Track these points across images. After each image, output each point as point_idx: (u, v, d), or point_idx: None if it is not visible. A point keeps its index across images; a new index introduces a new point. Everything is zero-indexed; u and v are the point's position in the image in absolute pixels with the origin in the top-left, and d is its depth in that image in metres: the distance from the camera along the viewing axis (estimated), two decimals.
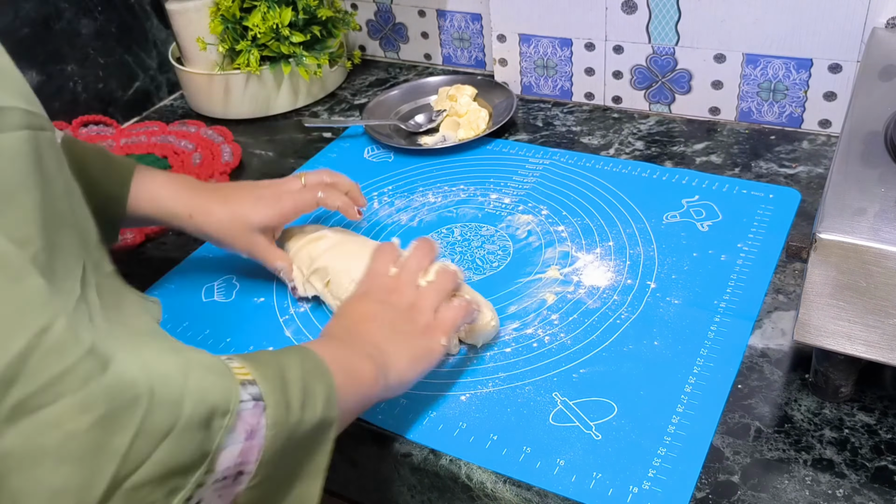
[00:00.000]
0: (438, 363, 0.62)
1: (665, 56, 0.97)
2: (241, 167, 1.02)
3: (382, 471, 0.65)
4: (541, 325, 0.71)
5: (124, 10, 1.15)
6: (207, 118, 1.14)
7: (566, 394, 0.64)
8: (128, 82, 1.17)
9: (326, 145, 1.03)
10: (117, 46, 1.15)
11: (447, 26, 1.16)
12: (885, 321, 0.53)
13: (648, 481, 0.57)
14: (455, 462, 0.60)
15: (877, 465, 0.56)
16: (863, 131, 0.63)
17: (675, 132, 0.97)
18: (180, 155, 1.04)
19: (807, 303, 0.55)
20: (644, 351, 0.67)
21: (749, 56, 0.92)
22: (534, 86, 1.09)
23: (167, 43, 1.20)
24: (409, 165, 0.97)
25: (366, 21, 1.24)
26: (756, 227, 0.79)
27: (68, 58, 1.09)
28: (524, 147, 0.97)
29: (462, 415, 0.64)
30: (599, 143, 0.97)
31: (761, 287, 0.72)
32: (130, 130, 1.12)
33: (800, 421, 0.60)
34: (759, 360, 0.65)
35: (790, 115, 0.94)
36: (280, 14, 1.04)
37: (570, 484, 0.57)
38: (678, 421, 0.61)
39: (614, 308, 0.72)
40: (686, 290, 0.73)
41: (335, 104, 1.14)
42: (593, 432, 0.61)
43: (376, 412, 0.65)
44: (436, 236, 0.84)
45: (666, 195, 0.85)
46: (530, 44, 1.05)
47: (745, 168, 0.88)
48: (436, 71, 1.20)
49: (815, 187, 0.84)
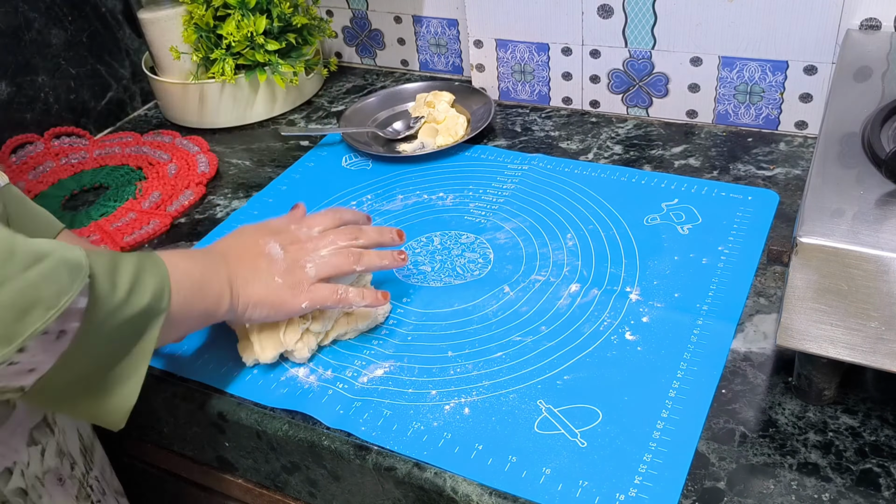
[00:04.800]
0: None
1: (642, 60, 0.97)
2: (218, 177, 1.01)
3: (366, 485, 0.64)
4: (523, 331, 0.71)
5: (95, 20, 1.13)
6: (182, 128, 1.12)
7: (551, 401, 0.64)
8: (101, 92, 1.16)
9: (304, 154, 1.03)
10: (89, 56, 1.13)
11: (424, 32, 1.16)
12: (867, 324, 0.53)
13: (635, 488, 0.56)
14: (440, 475, 0.60)
15: (861, 467, 0.56)
16: (840, 133, 0.63)
17: (654, 136, 0.97)
18: (155, 166, 1.03)
19: (789, 307, 0.55)
20: (627, 356, 0.67)
21: (725, 59, 0.93)
22: (511, 91, 1.08)
23: (140, 52, 1.19)
24: (388, 173, 0.96)
25: (342, 28, 1.23)
26: (736, 230, 0.79)
27: (39, 68, 1.07)
28: (503, 153, 0.97)
29: (446, 425, 0.63)
30: (578, 147, 0.97)
31: (742, 290, 0.72)
32: (104, 142, 1.10)
33: (784, 425, 0.60)
34: (742, 364, 0.65)
35: (767, 117, 0.94)
36: (254, 22, 1.03)
37: (557, 493, 0.57)
38: (663, 426, 0.61)
39: (596, 313, 0.72)
40: (668, 294, 0.73)
41: (312, 112, 1.13)
42: (578, 439, 0.61)
43: (359, 423, 0.64)
44: (415, 244, 0.83)
45: (645, 199, 0.85)
46: (507, 49, 1.05)
47: (724, 171, 0.89)
48: (413, 77, 1.19)
49: (793, 189, 0.84)
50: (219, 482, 0.79)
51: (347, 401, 0.66)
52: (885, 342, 0.53)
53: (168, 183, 0.98)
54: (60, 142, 1.10)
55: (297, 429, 0.66)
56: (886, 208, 0.55)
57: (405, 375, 0.68)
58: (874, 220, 0.54)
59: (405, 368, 0.69)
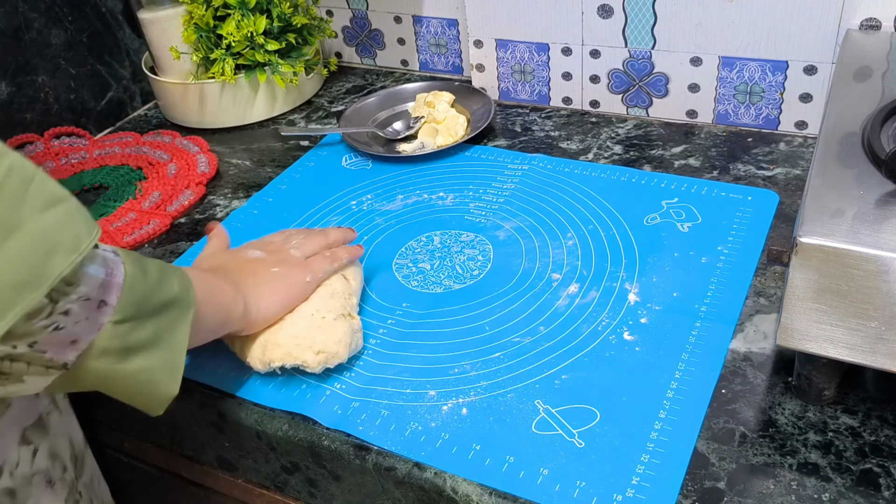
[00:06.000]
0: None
1: (642, 60, 0.97)
2: (218, 177, 1.01)
3: (366, 485, 0.64)
4: (522, 331, 0.71)
5: (95, 20, 1.13)
6: (182, 128, 1.12)
7: (548, 401, 0.64)
8: (101, 92, 1.16)
9: (304, 154, 1.03)
10: (89, 56, 1.13)
11: (423, 32, 1.16)
12: (867, 324, 0.53)
13: (632, 489, 0.56)
14: (440, 475, 0.60)
15: (861, 468, 0.56)
16: (840, 133, 0.63)
17: (653, 136, 0.97)
18: (155, 166, 1.03)
19: (789, 307, 0.55)
20: (625, 356, 0.67)
21: (725, 59, 0.92)
22: (511, 91, 1.08)
23: (140, 52, 1.19)
24: (388, 173, 0.96)
25: (342, 28, 1.23)
26: (735, 230, 0.79)
27: (39, 69, 1.07)
28: (503, 153, 0.97)
29: (444, 425, 0.63)
30: (578, 147, 0.97)
31: (742, 290, 0.72)
32: (104, 142, 1.10)
33: (784, 425, 0.60)
34: (742, 364, 0.65)
35: (767, 117, 0.94)
36: (254, 22, 1.03)
37: (555, 493, 0.57)
38: (661, 427, 0.60)
39: (595, 313, 0.72)
40: (667, 293, 0.73)
41: (312, 112, 1.13)
42: (576, 440, 0.60)
43: (356, 423, 0.64)
44: (415, 244, 0.83)
45: (645, 199, 0.85)
46: (507, 49, 1.05)
47: (724, 171, 0.88)
48: (413, 77, 1.19)
49: (793, 189, 0.84)
50: (219, 482, 0.79)
51: (345, 401, 0.66)
52: (885, 342, 0.53)
53: (168, 183, 0.98)
54: (60, 142, 1.10)
55: (296, 429, 0.65)
56: (886, 208, 0.55)
57: (403, 375, 0.68)
58: (874, 220, 0.54)
59: (403, 369, 0.69)
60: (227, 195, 0.97)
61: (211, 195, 0.97)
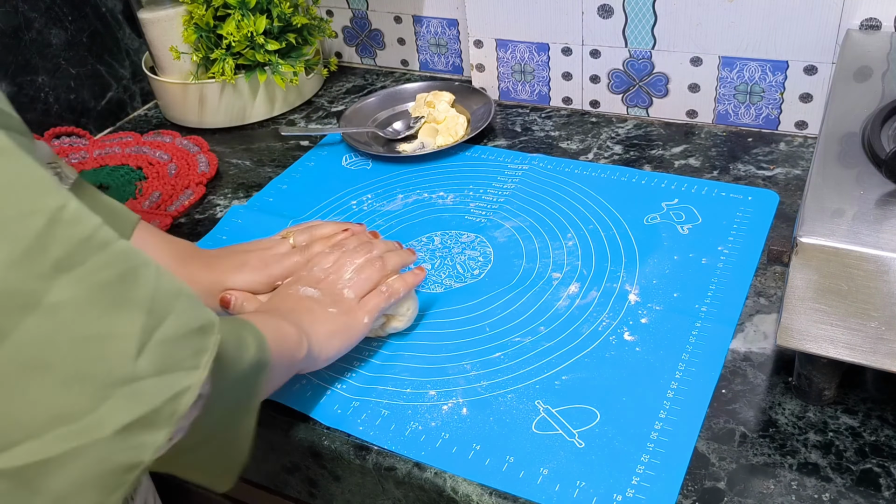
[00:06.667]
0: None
1: (642, 60, 0.97)
2: (218, 177, 1.01)
3: (366, 485, 0.64)
4: (522, 331, 0.71)
5: (95, 20, 1.13)
6: (182, 128, 1.12)
7: (549, 401, 0.64)
8: (100, 92, 1.16)
9: (304, 154, 1.03)
10: (89, 56, 1.13)
11: (424, 32, 1.16)
12: (867, 324, 0.53)
13: (632, 489, 0.56)
14: (440, 475, 0.60)
15: (861, 467, 0.56)
16: (840, 133, 0.63)
17: (654, 136, 0.97)
18: (155, 166, 1.03)
19: (789, 307, 0.55)
20: (626, 356, 0.67)
21: (725, 59, 0.92)
22: (511, 91, 1.08)
23: (140, 52, 1.19)
24: (388, 173, 0.96)
25: (342, 28, 1.23)
26: (735, 230, 0.79)
27: (39, 69, 1.07)
28: (503, 153, 0.97)
29: (444, 425, 0.63)
30: (578, 147, 0.97)
31: (742, 290, 0.72)
32: (104, 142, 1.10)
33: (784, 425, 0.60)
34: (742, 364, 0.65)
35: (767, 117, 0.94)
36: (254, 22, 1.03)
37: (555, 493, 0.57)
38: (661, 427, 0.60)
39: (595, 313, 0.72)
40: (667, 294, 0.72)
41: (312, 112, 1.13)
42: (576, 440, 0.60)
43: (356, 423, 0.64)
44: (416, 244, 0.83)
45: (645, 199, 0.85)
46: (507, 49, 1.05)
47: (724, 171, 0.88)
48: (413, 77, 1.19)
49: (793, 189, 0.84)
50: None
51: (345, 400, 0.66)
52: (885, 342, 0.53)
53: (168, 183, 0.98)
54: (60, 142, 1.09)
55: (296, 429, 0.65)
56: (886, 208, 0.55)
57: (403, 375, 0.68)
58: (874, 220, 0.54)
59: (403, 368, 0.69)
60: (227, 195, 0.97)
61: (211, 195, 0.97)
